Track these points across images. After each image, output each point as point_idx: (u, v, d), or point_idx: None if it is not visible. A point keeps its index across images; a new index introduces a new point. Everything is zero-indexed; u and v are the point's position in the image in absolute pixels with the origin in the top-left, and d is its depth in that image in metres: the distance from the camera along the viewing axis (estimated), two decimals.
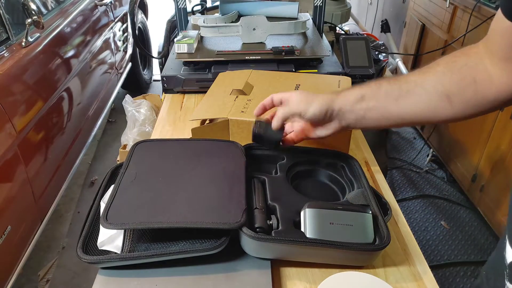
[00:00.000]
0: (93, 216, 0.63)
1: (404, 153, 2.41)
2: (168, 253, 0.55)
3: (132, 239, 0.58)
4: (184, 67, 1.14)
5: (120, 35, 2.52)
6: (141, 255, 0.55)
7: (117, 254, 0.56)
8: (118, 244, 0.57)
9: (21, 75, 1.44)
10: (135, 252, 0.56)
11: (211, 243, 0.56)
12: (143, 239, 0.58)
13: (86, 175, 2.25)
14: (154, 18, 3.31)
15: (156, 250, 0.56)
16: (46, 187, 1.53)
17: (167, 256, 0.55)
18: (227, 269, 0.58)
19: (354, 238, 0.59)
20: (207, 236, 0.57)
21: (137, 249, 0.56)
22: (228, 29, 1.21)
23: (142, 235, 0.58)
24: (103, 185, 0.69)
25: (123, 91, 2.79)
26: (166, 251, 0.55)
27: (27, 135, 1.39)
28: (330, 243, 0.57)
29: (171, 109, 1.07)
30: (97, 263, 0.56)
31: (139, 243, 0.57)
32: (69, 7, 1.96)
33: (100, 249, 0.57)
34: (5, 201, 1.25)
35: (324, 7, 1.36)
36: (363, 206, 0.64)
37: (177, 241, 0.57)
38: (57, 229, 1.89)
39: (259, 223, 0.59)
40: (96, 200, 0.66)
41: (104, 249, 0.57)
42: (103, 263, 0.56)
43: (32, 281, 1.64)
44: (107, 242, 0.58)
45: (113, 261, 0.56)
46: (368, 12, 3.42)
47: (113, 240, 0.58)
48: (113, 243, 0.57)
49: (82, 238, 0.58)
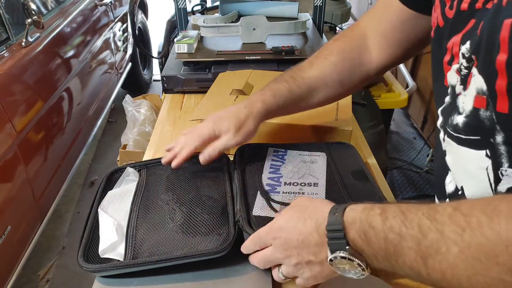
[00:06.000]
0: (92, 223, 0.62)
1: (404, 153, 2.41)
2: (173, 258, 0.54)
3: (134, 246, 0.57)
4: (184, 67, 1.14)
5: (120, 35, 2.52)
6: (145, 261, 0.54)
7: (120, 262, 0.55)
8: (120, 252, 0.56)
9: (21, 75, 1.44)
10: (138, 258, 0.55)
11: (215, 246, 0.55)
12: (146, 245, 0.57)
13: (86, 175, 2.25)
14: (154, 18, 3.30)
15: (160, 256, 0.55)
16: (46, 187, 1.52)
17: (172, 262, 0.54)
18: (227, 270, 0.57)
19: None
20: (210, 239, 0.57)
21: (140, 256, 0.55)
22: (228, 29, 1.21)
23: (144, 241, 0.57)
24: (100, 191, 0.68)
25: (123, 91, 2.78)
26: (170, 257, 0.54)
27: (27, 135, 1.39)
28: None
29: (171, 109, 1.07)
30: (100, 271, 0.55)
31: (142, 249, 0.56)
32: (69, 7, 1.96)
33: (101, 257, 0.56)
34: (5, 201, 1.25)
35: (324, 7, 1.36)
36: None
37: (182, 245, 0.56)
38: (57, 229, 1.89)
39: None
40: (94, 207, 0.65)
41: (106, 257, 0.56)
42: (106, 271, 0.55)
43: (32, 281, 1.64)
44: (108, 250, 0.56)
45: (117, 268, 0.55)
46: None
47: (115, 247, 0.57)
48: (116, 251, 0.56)
49: (82, 246, 0.57)
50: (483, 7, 0.43)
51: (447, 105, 0.49)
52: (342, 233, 0.42)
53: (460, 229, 0.35)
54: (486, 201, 0.35)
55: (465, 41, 0.44)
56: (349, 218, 0.42)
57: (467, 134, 0.46)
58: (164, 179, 0.69)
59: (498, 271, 0.33)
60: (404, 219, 0.39)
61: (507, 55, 0.37)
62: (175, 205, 0.62)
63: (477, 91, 0.43)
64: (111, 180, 0.72)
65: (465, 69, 0.45)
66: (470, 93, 0.44)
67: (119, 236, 0.58)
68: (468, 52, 0.44)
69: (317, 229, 0.45)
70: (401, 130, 2.60)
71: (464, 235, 0.34)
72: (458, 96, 0.47)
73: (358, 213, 0.42)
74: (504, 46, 0.37)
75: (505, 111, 0.39)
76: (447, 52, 0.48)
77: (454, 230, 0.35)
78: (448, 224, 0.36)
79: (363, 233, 0.41)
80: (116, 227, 0.59)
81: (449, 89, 0.49)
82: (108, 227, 0.60)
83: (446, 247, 0.35)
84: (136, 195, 0.66)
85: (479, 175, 0.45)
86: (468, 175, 0.47)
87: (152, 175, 0.71)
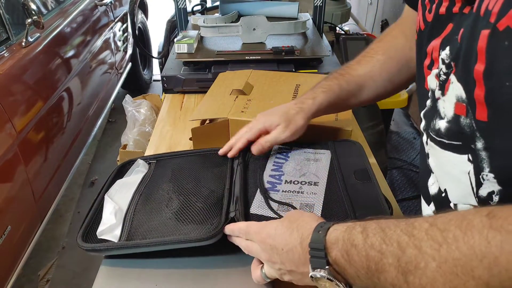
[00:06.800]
0: (96, 208, 0.64)
1: (404, 153, 2.41)
2: (163, 242, 0.56)
3: (130, 229, 0.59)
4: (184, 67, 1.14)
5: (120, 35, 2.52)
6: (136, 243, 0.56)
7: (114, 242, 0.57)
8: (116, 234, 0.59)
9: (21, 75, 1.44)
10: (132, 241, 0.57)
11: (205, 233, 0.56)
12: (141, 229, 0.59)
13: (86, 175, 2.25)
14: (154, 18, 3.30)
15: (151, 239, 0.57)
16: (46, 187, 1.52)
17: (162, 246, 0.56)
18: (226, 265, 0.58)
19: None
20: (202, 228, 0.58)
21: (134, 239, 0.58)
22: (228, 29, 1.21)
23: (139, 225, 0.60)
24: (110, 179, 0.71)
25: (123, 91, 2.78)
26: (162, 240, 0.56)
27: (27, 135, 1.39)
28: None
29: (171, 109, 1.07)
30: (95, 251, 0.58)
31: (136, 233, 0.59)
32: (69, 7, 1.96)
33: (99, 238, 0.59)
34: (5, 201, 1.25)
35: (324, 7, 1.36)
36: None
37: (174, 232, 0.58)
38: (57, 229, 1.89)
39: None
40: (101, 193, 0.67)
41: (102, 238, 0.59)
42: (100, 251, 0.58)
43: (32, 281, 1.64)
44: (105, 231, 0.59)
45: (110, 249, 0.57)
46: (368, 12, 3.42)
47: (112, 230, 0.59)
48: (112, 233, 0.59)
49: (83, 227, 0.60)
50: (460, 12, 0.43)
51: (428, 109, 0.50)
52: (323, 253, 0.42)
53: (437, 244, 0.35)
54: (461, 215, 0.35)
55: (444, 47, 0.45)
56: (331, 237, 0.42)
57: (450, 139, 0.46)
58: (169, 171, 0.71)
59: (474, 284, 0.33)
60: (384, 236, 0.39)
61: (484, 66, 0.38)
62: (174, 194, 0.65)
63: (457, 98, 0.43)
64: (122, 171, 0.74)
65: (444, 75, 0.45)
66: (449, 99, 0.44)
67: (117, 219, 0.61)
68: (448, 59, 0.44)
69: (301, 243, 0.45)
70: (401, 130, 2.59)
71: (441, 250, 0.34)
72: (437, 101, 0.47)
73: (341, 232, 0.42)
74: (481, 57, 0.38)
75: (484, 119, 0.40)
76: (427, 56, 0.48)
77: (431, 245, 0.35)
78: (425, 240, 0.35)
79: (346, 252, 0.41)
80: (116, 211, 0.62)
81: (429, 93, 0.49)
82: (109, 211, 0.63)
83: (425, 262, 0.35)
84: (141, 184, 0.69)
85: (461, 178, 0.46)
86: (451, 178, 0.48)
87: (160, 167, 0.74)
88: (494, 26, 0.36)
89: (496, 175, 0.41)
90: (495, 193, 0.42)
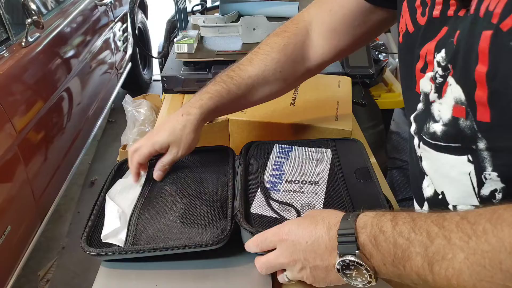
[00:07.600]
0: (98, 210, 0.64)
1: (404, 153, 2.41)
2: (169, 247, 0.56)
3: (135, 233, 0.58)
4: (184, 67, 1.14)
5: (120, 35, 2.52)
6: (143, 248, 0.56)
7: (120, 247, 0.57)
8: (121, 238, 0.58)
9: (21, 75, 1.44)
10: (137, 245, 0.57)
11: (211, 238, 0.56)
12: (146, 233, 0.58)
13: (86, 175, 2.25)
14: (154, 18, 3.30)
15: (157, 244, 0.56)
16: (46, 187, 1.52)
17: (168, 251, 0.56)
18: (227, 265, 0.58)
19: None
20: (207, 232, 0.58)
21: (139, 243, 0.57)
22: (228, 29, 1.21)
23: (144, 229, 0.59)
24: (109, 179, 0.71)
25: (123, 91, 2.78)
26: (168, 246, 0.56)
27: (27, 135, 1.39)
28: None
29: (171, 109, 1.07)
30: (100, 256, 0.57)
31: (141, 237, 0.58)
32: (69, 7, 1.96)
33: (103, 242, 0.58)
34: (5, 201, 1.25)
35: None
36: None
37: (179, 236, 0.58)
38: (57, 229, 1.89)
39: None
40: (102, 194, 0.67)
41: (107, 242, 0.58)
42: (106, 255, 0.57)
43: (32, 281, 1.64)
44: (110, 235, 0.58)
45: (116, 253, 0.56)
46: None
47: (117, 233, 0.59)
48: (117, 237, 0.58)
49: (86, 230, 0.60)
50: (455, 15, 0.43)
51: (420, 112, 0.49)
52: (353, 237, 0.42)
53: (467, 237, 0.35)
54: (492, 209, 0.35)
55: (440, 49, 0.44)
56: (360, 222, 0.43)
57: (446, 141, 0.46)
58: (171, 172, 0.70)
59: (502, 277, 0.33)
60: (413, 225, 0.39)
61: (487, 67, 0.37)
62: (177, 196, 0.64)
63: (455, 101, 0.43)
64: (121, 169, 0.74)
65: (440, 78, 0.45)
66: (446, 102, 0.44)
67: (121, 223, 0.60)
68: (444, 61, 0.44)
69: (328, 232, 0.45)
70: (401, 130, 2.59)
71: (470, 242, 0.34)
72: (432, 104, 0.47)
73: (370, 218, 0.43)
74: (483, 58, 0.37)
75: (486, 120, 0.39)
76: (420, 59, 0.48)
77: (461, 237, 0.35)
78: (455, 232, 0.36)
79: (373, 238, 0.41)
80: (120, 214, 0.61)
81: (421, 96, 0.49)
82: (113, 213, 0.62)
83: (452, 253, 0.35)
84: (145, 187, 0.68)
85: (461, 180, 0.45)
86: (449, 180, 0.48)
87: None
88: (497, 27, 0.36)
89: (500, 174, 0.41)
90: (497, 191, 0.42)
